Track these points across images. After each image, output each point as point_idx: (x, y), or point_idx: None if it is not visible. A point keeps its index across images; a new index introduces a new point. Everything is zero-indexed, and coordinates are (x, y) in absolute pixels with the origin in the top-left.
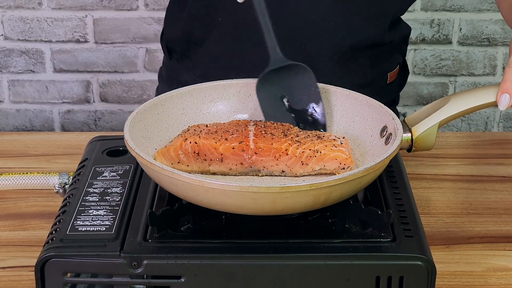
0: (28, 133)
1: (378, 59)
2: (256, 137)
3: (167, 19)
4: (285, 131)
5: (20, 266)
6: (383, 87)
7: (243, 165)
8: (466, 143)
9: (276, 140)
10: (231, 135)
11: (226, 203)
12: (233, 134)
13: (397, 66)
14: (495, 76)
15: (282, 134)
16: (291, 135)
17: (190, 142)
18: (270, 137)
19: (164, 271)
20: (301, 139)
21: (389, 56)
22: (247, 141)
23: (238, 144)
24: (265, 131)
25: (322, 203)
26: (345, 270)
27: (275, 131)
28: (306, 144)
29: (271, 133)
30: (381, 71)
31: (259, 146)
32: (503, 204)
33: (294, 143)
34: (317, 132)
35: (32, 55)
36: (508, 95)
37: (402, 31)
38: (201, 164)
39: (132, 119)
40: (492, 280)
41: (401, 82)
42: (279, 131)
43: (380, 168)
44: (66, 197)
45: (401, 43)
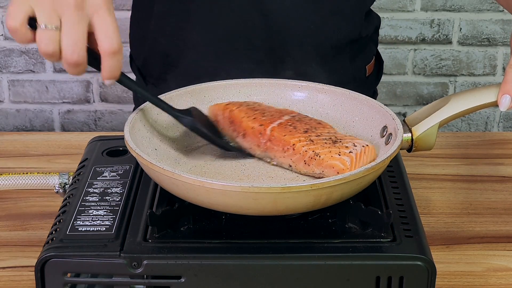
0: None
1: (356, 54)
2: (279, 126)
3: (133, 39)
4: (311, 128)
5: (20, 266)
6: (363, 81)
7: (259, 148)
8: (466, 143)
9: (292, 134)
10: (262, 117)
11: (227, 203)
12: (265, 116)
13: (372, 57)
14: (495, 76)
15: (303, 130)
16: (311, 133)
17: (229, 109)
18: (290, 129)
19: (164, 271)
20: (316, 139)
21: (365, 49)
22: (267, 126)
23: (258, 126)
24: (293, 123)
25: (323, 203)
26: (345, 270)
27: (302, 125)
28: (315, 145)
29: (295, 126)
30: (360, 65)
31: (273, 134)
32: (503, 204)
33: (306, 140)
34: (347, 136)
35: (32, 55)
36: (509, 96)
37: (374, 22)
38: (232, 133)
39: (132, 119)
40: (492, 280)
41: (377, 72)
42: (304, 127)
43: (381, 168)
44: (66, 197)
45: (373, 34)
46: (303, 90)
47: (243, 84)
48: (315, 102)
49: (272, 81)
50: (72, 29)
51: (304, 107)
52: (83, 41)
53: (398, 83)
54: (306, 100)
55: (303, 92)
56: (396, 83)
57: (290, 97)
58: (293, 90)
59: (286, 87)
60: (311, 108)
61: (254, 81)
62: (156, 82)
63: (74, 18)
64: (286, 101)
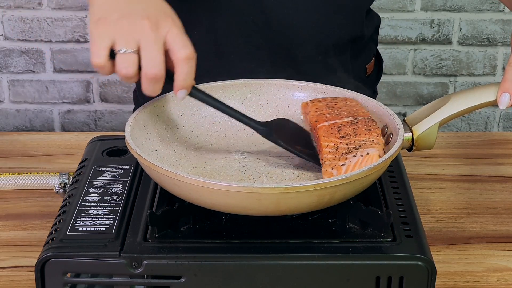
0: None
1: (357, 53)
2: (328, 126)
3: None
4: (351, 135)
5: (20, 266)
6: (364, 80)
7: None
8: (466, 143)
9: (327, 137)
10: (328, 114)
11: (230, 204)
12: (330, 114)
13: (372, 57)
14: (495, 76)
15: (342, 135)
16: (345, 140)
17: (308, 104)
18: (332, 132)
19: (164, 271)
20: (341, 147)
21: (365, 48)
22: (321, 122)
23: (314, 121)
24: (344, 126)
25: (326, 203)
26: (345, 270)
27: (347, 129)
28: (331, 154)
29: (340, 129)
30: (360, 64)
31: (318, 132)
32: (503, 204)
33: (331, 147)
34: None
35: (32, 55)
36: (508, 94)
37: (375, 22)
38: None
39: (132, 120)
40: (492, 280)
41: (377, 71)
42: (347, 131)
43: (383, 167)
44: (66, 197)
45: (374, 34)
46: (302, 90)
47: (243, 84)
48: None
49: (272, 81)
50: (150, 46)
51: None
52: (161, 56)
53: (398, 83)
54: (306, 100)
55: (303, 92)
56: (396, 83)
57: (290, 97)
58: (292, 90)
59: (286, 87)
60: None
61: (254, 81)
62: None
63: (151, 37)
64: (286, 101)
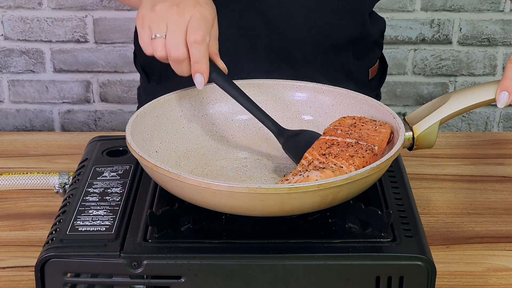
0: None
1: (359, 55)
2: (324, 141)
3: (137, 37)
4: (332, 154)
5: (20, 266)
6: (366, 83)
7: None
8: (466, 143)
9: (310, 151)
10: (340, 130)
11: (233, 205)
12: (342, 131)
13: (376, 61)
14: (495, 76)
15: (323, 153)
16: (325, 158)
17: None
18: (321, 146)
19: (164, 271)
20: (316, 163)
21: (369, 51)
22: (324, 135)
23: (323, 132)
24: (333, 144)
25: (329, 203)
26: (345, 270)
27: (334, 149)
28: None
29: (329, 146)
30: (363, 67)
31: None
32: (503, 204)
33: (306, 161)
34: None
35: (32, 55)
36: (507, 93)
37: (379, 26)
38: None
39: (132, 121)
40: (492, 280)
41: (381, 76)
42: (331, 151)
43: (385, 167)
44: (66, 197)
45: (379, 38)
46: (302, 91)
47: (242, 84)
48: (314, 102)
49: (271, 81)
50: (173, 30)
51: (304, 107)
52: (183, 39)
53: (398, 83)
54: (306, 100)
55: (302, 92)
56: (396, 83)
57: (289, 98)
58: (292, 90)
59: (285, 87)
60: (310, 108)
61: (254, 81)
62: (158, 80)
63: (175, 22)
64: (285, 102)
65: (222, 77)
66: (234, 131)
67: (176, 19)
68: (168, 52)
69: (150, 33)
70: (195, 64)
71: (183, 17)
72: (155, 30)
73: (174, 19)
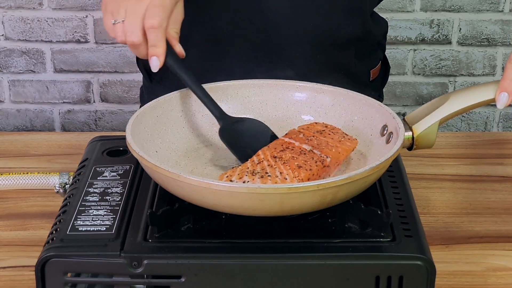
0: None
1: (361, 56)
2: (282, 142)
3: None
4: (280, 158)
5: (21, 266)
6: (367, 85)
7: None
8: (465, 143)
9: (269, 149)
10: (303, 135)
11: (233, 205)
12: (304, 135)
13: (378, 62)
14: (495, 76)
15: (273, 155)
16: (274, 161)
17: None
18: (277, 148)
19: (164, 271)
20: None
21: (371, 52)
22: (285, 136)
23: (286, 134)
24: (287, 148)
25: (328, 202)
26: (344, 270)
27: (285, 154)
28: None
29: (282, 150)
30: (364, 68)
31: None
32: (502, 204)
33: (252, 163)
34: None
35: (33, 55)
36: (506, 93)
37: (382, 27)
38: None
39: (133, 121)
40: (492, 280)
41: (383, 78)
42: (282, 155)
43: (385, 166)
44: (67, 197)
45: (381, 39)
46: (301, 91)
47: (242, 85)
48: (314, 102)
49: (271, 81)
50: (130, 16)
51: (303, 107)
52: (138, 25)
53: (398, 83)
54: (305, 100)
55: (302, 92)
56: (396, 83)
57: (289, 98)
58: (291, 90)
59: (285, 87)
60: (309, 108)
61: (253, 82)
62: (160, 80)
63: (133, 8)
64: (285, 102)
65: (177, 62)
66: None
67: (134, 4)
68: (126, 37)
69: (111, 18)
70: (152, 48)
71: (141, 3)
72: (115, 15)
73: (132, 5)
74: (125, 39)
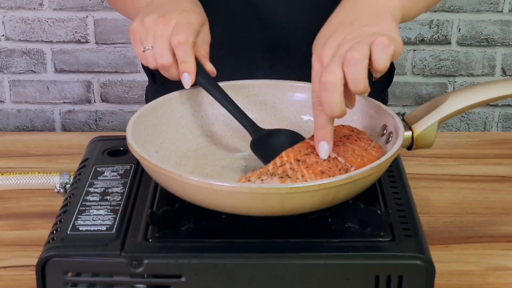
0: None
1: None
2: (307, 145)
3: None
4: (303, 162)
5: (21, 265)
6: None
7: None
8: (465, 143)
9: (283, 156)
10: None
11: (234, 205)
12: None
13: None
14: (494, 77)
15: (297, 159)
16: (298, 161)
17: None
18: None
19: (164, 270)
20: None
21: None
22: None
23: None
24: (310, 153)
25: (329, 202)
26: (344, 269)
27: (309, 158)
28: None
29: (307, 154)
30: None
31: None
32: (502, 204)
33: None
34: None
35: (33, 56)
36: (326, 142)
37: None
38: None
39: (133, 122)
40: (491, 280)
41: (388, 78)
42: (305, 159)
43: (385, 166)
44: (67, 197)
45: None
46: (302, 91)
47: (242, 85)
48: None
49: (271, 82)
50: (159, 40)
51: (304, 107)
52: (167, 46)
53: (397, 83)
54: (305, 100)
55: (301, 93)
56: (395, 83)
57: (289, 98)
58: (291, 91)
59: (284, 88)
60: (309, 108)
61: (253, 82)
62: (163, 81)
63: (160, 32)
64: (285, 102)
65: (208, 80)
66: (234, 131)
67: (161, 29)
68: (156, 61)
69: (141, 46)
70: (182, 64)
71: (168, 26)
72: (144, 42)
73: (160, 29)
74: (155, 64)
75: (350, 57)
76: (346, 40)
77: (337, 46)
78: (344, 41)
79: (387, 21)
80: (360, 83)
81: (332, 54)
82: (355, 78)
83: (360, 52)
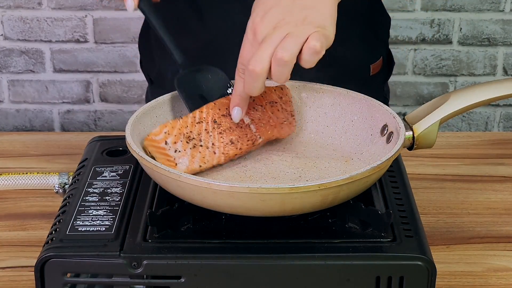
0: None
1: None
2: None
3: (141, 48)
4: (219, 124)
5: (20, 266)
6: (367, 79)
7: None
8: (466, 143)
9: (213, 107)
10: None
11: (234, 205)
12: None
13: (379, 57)
14: (495, 76)
15: (220, 115)
16: (215, 124)
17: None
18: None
19: (164, 271)
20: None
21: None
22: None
23: None
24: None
25: (329, 202)
26: (345, 270)
27: (224, 121)
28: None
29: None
30: (363, 62)
31: None
32: (503, 204)
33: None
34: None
35: (32, 55)
36: (239, 108)
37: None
38: None
39: (132, 122)
40: (492, 280)
41: (386, 73)
42: (224, 122)
43: (385, 166)
44: (66, 197)
45: (384, 35)
46: (301, 91)
47: None
48: (313, 102)
49: (270, 82)
50: None
51: (302, 107)
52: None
53: (398, 83)
54: (304, 100)
55: (302, 92)
56: (396, 83)
57: None
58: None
59: None
60: (309, 108)
61: None
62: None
63: None
64: None
65: (150, 7)
66: None
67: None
68: None
69: None
70: None
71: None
72: None
73: None
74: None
75: (280, 57)
76: (284, 22)
77: (274, 25)
78: (282, 22)
79: (327, 5)
80: (282, 79)
81: (267, 33)
82: (279, 74)
83: (290, 53)
